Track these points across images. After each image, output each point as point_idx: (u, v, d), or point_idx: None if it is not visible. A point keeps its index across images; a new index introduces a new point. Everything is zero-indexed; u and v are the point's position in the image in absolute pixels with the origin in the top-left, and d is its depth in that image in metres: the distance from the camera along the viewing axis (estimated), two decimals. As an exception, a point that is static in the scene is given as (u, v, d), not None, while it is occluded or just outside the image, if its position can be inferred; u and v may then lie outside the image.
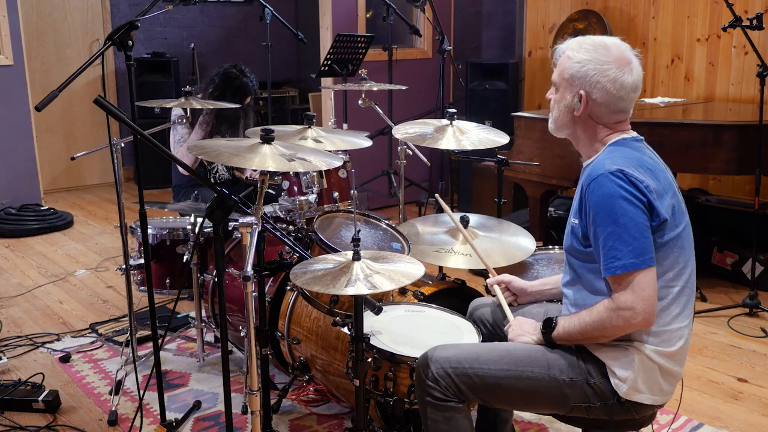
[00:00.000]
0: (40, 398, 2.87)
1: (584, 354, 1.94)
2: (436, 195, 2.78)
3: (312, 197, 2.97)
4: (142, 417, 2.73)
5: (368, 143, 2.59)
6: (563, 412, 1.98)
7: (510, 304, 2.29)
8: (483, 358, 1.95)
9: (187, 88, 3.16)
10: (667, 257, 1.87)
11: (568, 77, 1.94)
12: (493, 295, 2.32)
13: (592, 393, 1.92)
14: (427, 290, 2.60)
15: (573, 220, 1.96)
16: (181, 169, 3.88)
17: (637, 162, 1.87)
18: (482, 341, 2.26)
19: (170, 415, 2.80)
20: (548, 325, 1.97)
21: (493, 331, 2.27)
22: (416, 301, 2.54)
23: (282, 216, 3.02)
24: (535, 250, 2.67)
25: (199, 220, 3.13)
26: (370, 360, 2.09)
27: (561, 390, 1.92)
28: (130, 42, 2.41)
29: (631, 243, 1.79)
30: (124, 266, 2.97)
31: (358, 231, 2.08)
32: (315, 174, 3.03)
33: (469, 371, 1.93)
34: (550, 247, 2.85)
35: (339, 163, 2.25)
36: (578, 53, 1.92)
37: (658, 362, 1.89)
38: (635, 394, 1.89)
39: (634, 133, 1.99)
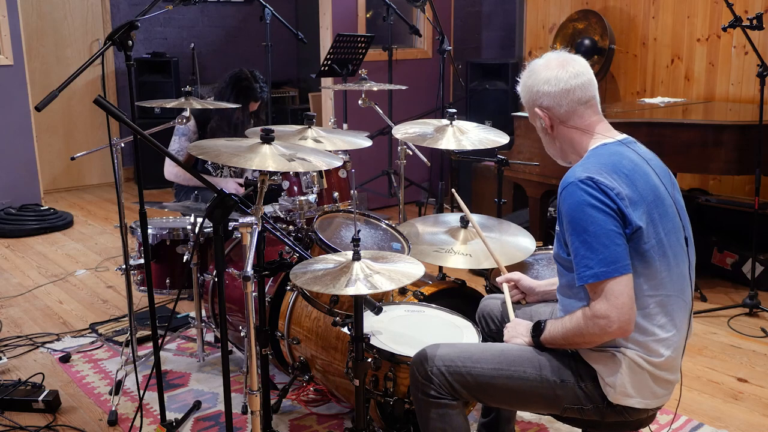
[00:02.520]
0: (40, 398, 2.87)
1: (576, 357, 1.93)
2: (453, 191, 2.77)
3: (312, 197, 2.97)
4: (142, 417, 2.73)
5: (368, 143, 2.59)
6: (557, 412, 1.98)
7: (518, 302, 2.30)
8: (476, 357, 1.95)
9: (187, 88, 3.17)
10: (650, 266, 1.83)
11: (525, 106, 2.08)
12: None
13: (583, 395, 1.91)
14: (427, 290, 2.60)
15: (557, 228, 1.96)
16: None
17: (611, 168, 1.84)
18: (487, 339, 2.27)
19: (170, 415, 2.80)
20: (537, 328, 1.97)
21: (500, 327, 2.26)
22: (416, 301, 2.54)
23: (282, 216, 3.02)
24: (535, 250, 2.67)
25: (199, 220, 3.13)
26: (370, 360, 2.09)
27: (553, 391, 1.92)
28: (130, 42, 2.41)
29: (602, 251, 1.77)
30: (124, 266, 2.97)
31: (358, 231, 2.08)
32: (315, 174, 3.03)
33: (462, 370, 1.93)
34: (550, 247, 2.84)
35: (339, 163, 2.26)
36: (519, 87, 2.08)
37: (647, 369, 1.87)
38: (625, 399, 1.88)
39: (622, 136, 1.97)
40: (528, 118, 2.13)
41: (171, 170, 3.86)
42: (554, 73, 1.96)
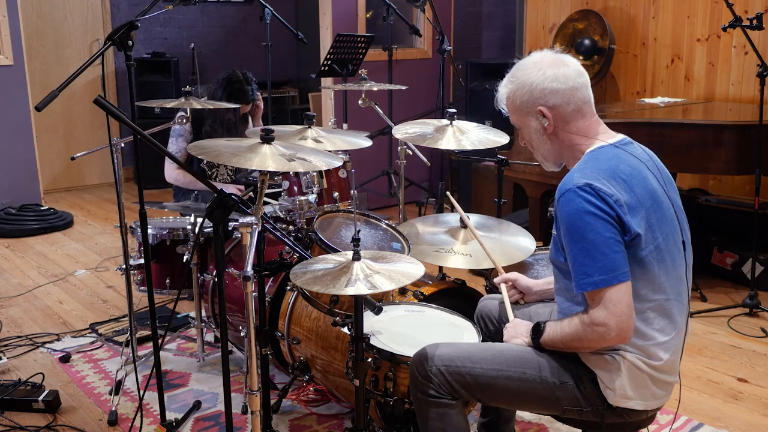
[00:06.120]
0: (40, 398, 2.87)
1: (575, 359, 1.93)
2: (448, 193, 2.79)
3: (312, 197, 2.97)
4: (142, 417, 2.73)
5: (368, 143, 2.59)
6: (557, 413, 1.98)
7: (516, 302, 2.30)
8: (475, 358, 1.95)
9: (187, 88, 3.16)
10: (648, 271, 1.82)
11: (519, 107, 1.97)
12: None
13: (582, 397, 1.91)
14: (427, 290, 2.60)
15: (553, 231, 1.94)
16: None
17: (609, 173, 1.81)
18: (486, 339, 2.27)
19: (170, 415, 2.80)
20: (537, 330, 1.97)
21: (500, 328, 2.26)
22: (416, 301, 2.54)
23: (282, 216, 3.02)
24: (535, 250, 2.67)
25: (199, 220, 3.13)
26: (370, 360, 2.09)
27: (552, 392, 1.92)
28: (130, 42, 2.41)
29: (601, 259, 1.75)
30: (124, 266, 2.97)
31: (358, 231, 2.08)
32: (315, 174, 3.03)
33: (461, 370, 1.93)
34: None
35: (339, 163, 2.25)
36: (511, 86, 1.99)
37: (646, 371, 1.86)
38: (625, 401, 1.87)
39: (619, 137, 1.95)
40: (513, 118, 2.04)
41: (171, 174, 3.86)
42: (561, 70, 1.91)
